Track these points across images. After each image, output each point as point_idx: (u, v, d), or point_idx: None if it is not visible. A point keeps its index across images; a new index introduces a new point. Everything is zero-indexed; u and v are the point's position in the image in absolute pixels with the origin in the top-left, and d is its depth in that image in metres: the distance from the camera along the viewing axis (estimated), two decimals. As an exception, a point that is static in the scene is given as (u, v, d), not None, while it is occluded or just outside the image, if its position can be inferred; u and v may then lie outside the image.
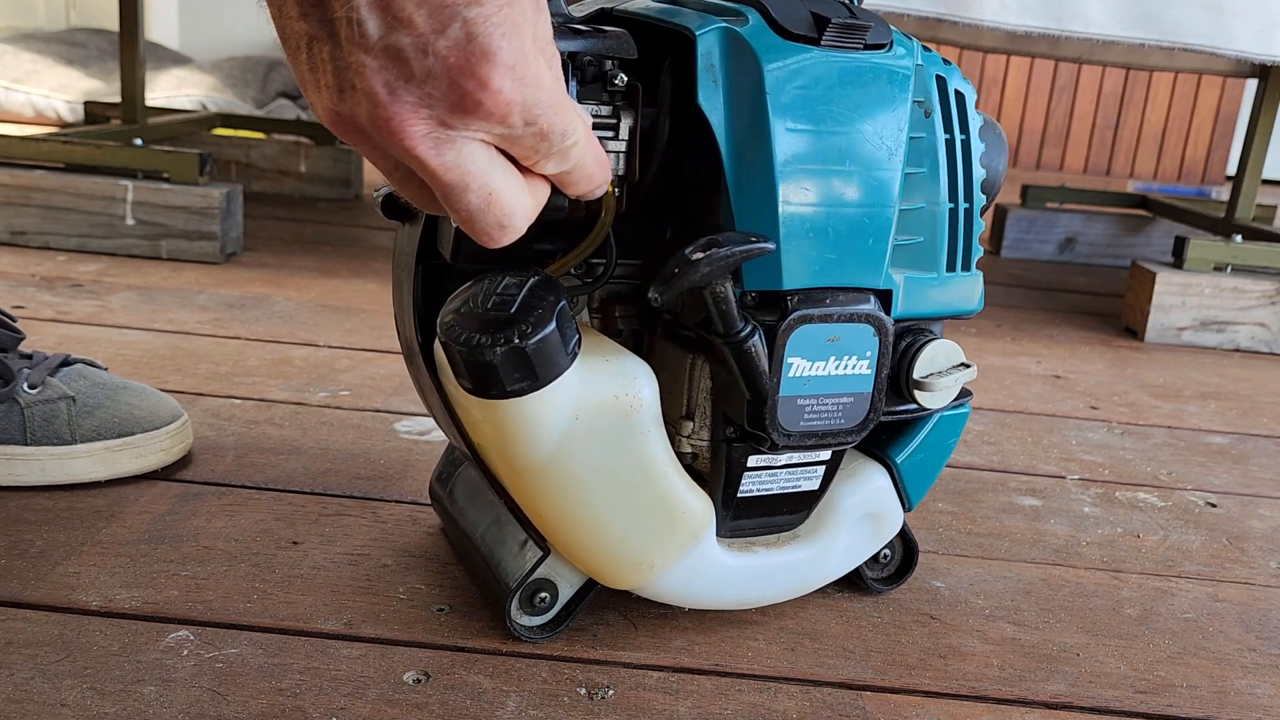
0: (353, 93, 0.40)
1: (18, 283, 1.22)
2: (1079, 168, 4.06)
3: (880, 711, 0.56)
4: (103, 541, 0.66)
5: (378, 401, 0.93)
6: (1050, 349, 1.36)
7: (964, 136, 0.59)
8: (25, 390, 0.72)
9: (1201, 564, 0.77)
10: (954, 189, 0.59)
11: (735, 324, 0.52)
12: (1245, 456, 1.01)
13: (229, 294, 1.25)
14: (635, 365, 0.54)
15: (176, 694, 0.52)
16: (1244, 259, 1.45)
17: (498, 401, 0.49)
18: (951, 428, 0.65)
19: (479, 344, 0.47)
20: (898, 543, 0.68)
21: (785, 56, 0.52)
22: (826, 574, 0.64)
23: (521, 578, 0.59)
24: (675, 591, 0.59)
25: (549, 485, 0.53)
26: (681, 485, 0.56)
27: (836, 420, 0.57)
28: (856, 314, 0.55)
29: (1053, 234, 2.00)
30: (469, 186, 0.42)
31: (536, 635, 0.60)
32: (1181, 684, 0.61)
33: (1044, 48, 1.77)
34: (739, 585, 0.61)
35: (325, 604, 0.61)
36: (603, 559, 0.57)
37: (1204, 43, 1.27)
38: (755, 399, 0.54)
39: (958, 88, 0.59)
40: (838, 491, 0.62)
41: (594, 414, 0.52)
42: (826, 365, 0.56)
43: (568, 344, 0.49)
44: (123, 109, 1.68)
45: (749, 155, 0.53)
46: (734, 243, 0.50)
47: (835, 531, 0.62)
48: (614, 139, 0.53)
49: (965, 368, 0.61)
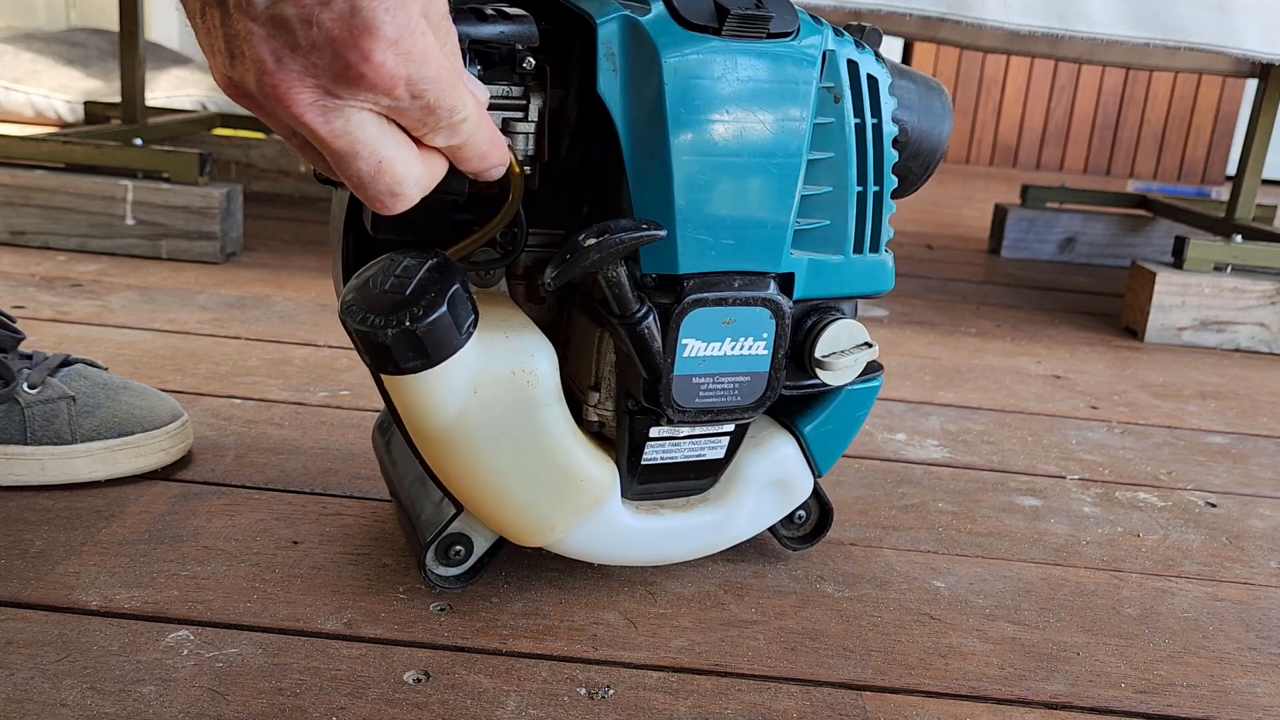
0: (242, 59, 0.41)
1: (18, 283, 1.22)
2: (1079, 168, 4.06)
3: (880, 711, 0.56)
4: (103, 541, 0.66)
5: (377, 402, 0.93)
6: (1050, 349, 1.36)
7: (875, 120, 0.59)
8: (25, 390, 0.72)
9: (1201, 564, 0.77)
10: (863, 173, 0.59)
11: (630, 306, 0.54)
12: (1245, 456, 1.01)
13: (229, 294, 1.25)
14: (534, 341, 0.56)
15: (176, 694, 0.52)
16: (1244, 259, 1.45)
17: (396, 376, 0.52)
18: (861, 401, 0.66)
19: (373, 324, 0.49)
20: (813, 504, 0.71)
21: (684, 46, 0.53)
22: (734, 535, 0.66)
23: (437, 531, 0.61)
24: (582, 550, 0.62)
25: (451, 453, 0.56)
26: (581, 454, 0.59)
27: (733, 398, 0.59)
28: (753, 298, 0.57)
29: (1053, 234, 2.00)
30: (358, 154, 0.43)
31: (452, 585, 0.63)
32: (1181, 683, 0.61)
33: (1045, 47, 1.77)
34: (645, 545, 0.63)
35: (325, 604, 0.61)
36: (507, 520, 0.59)
37: (1209, 42, 1.27)
38: (650, 377, 0.56)
39: (870, 72, 0.59)
40: (745, 459, 0.64)
41: (491, 388, 0.54)
42: (722, 346, 0.57)
43: (461, 325, 0.51)
44: (123, 109, 1.68)
45: (647, 143, 0.54)
46: (626, 229, 0.52)
47: (742, 496, 0.65)
48: (523, 120, 0.55)
49: (868, 347, 0.62)
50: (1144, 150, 4.06)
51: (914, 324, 1.42)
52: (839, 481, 0.85)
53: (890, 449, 0.94)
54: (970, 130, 4.02)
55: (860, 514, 0.80)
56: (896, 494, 0.84)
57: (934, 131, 0.65)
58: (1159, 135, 4.04)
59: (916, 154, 0.64)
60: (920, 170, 0.65)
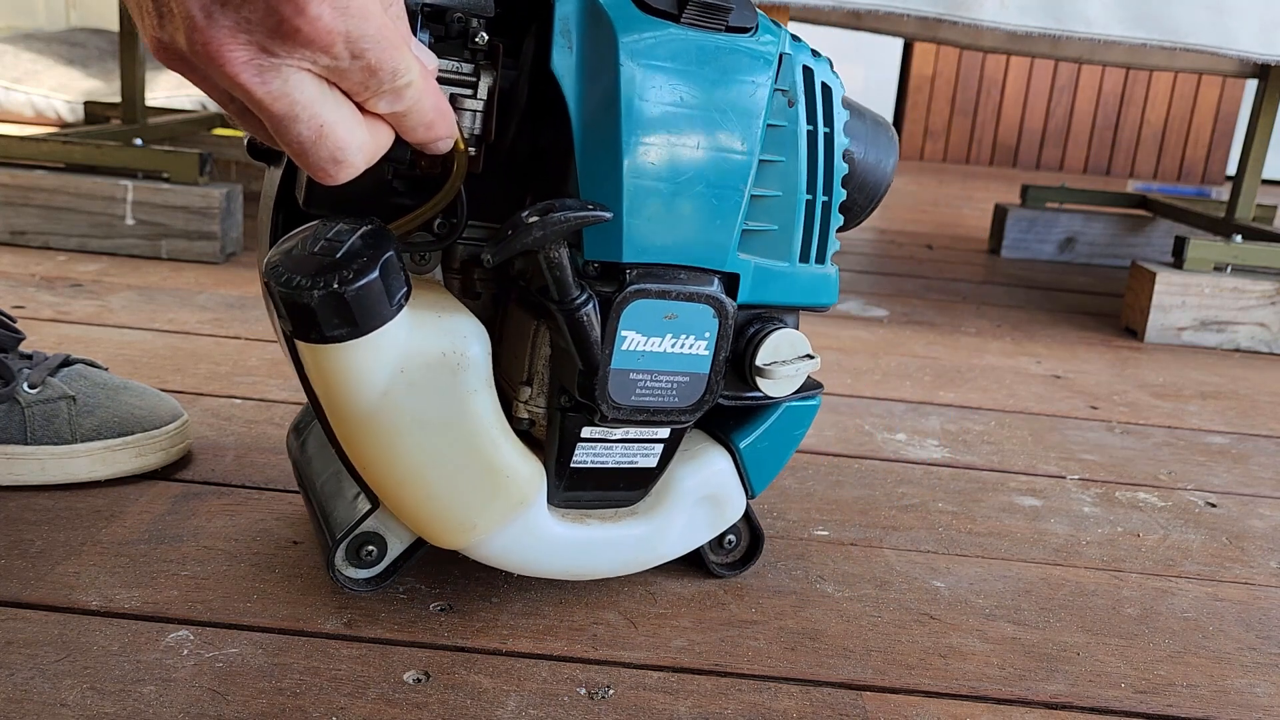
0: (170, 18, 0.39)
1: (18, 283, 1.22)
2: (1079, 168, 4.06)
3: (880, 711, 0.56)
4: (103, 541, 0.66)
5: (378, 401, 0.93)
6: (1050, 349, 1.36)
7: (827, 130, 0.59)
8: (25, 390, 0.72)
9: (1201, 564, 0.77)
10: (813, 180, 0.59)
11: (570, 291, 0.52)
12: (1245, 456, 1.01)
13: (229, 294, 1.25)
14: (467, 323, 0.54)
15: (176, 694, 0.52)
16: (1244, 259, 1.45)
17: (319, 346, 0.49)
18: (798, 418, 0.65)
19: (298, 285, 0.46)
20: (744, 528, 0.68)
21: (641, 29, 0.52)
22: (663, 553, 0.64)
23: (348, 529, 0.59)
24: (503, 556, 0.59)
25: (372, 435, 0.53)
26: (508, 448, 0.56)
27: (670, 398, 0.57)
28: (697, 294, 0.55)
29: (1053, 234, 2.00)
30: (298, 117, 0.41)
31: (361, 588, 0.60)
32: (1181, 683, 0.61)
33: (1044, 48, 1.77)
34: (569, 556, 0.61)
35: (325, 604, 0.61)
36: (426, 516, 0.57)
37: (1205, 42, 1.27)
38: (587, 368, 0.54)
39: (825, 80, 0.59)
40: (678, 472, 0.63)
41: (419, 368, 0.52)
42: (663, 342, 0.56)
43: (392, 295, 0.49)
44: (123, 109, 1.68)
45: (598, 124, 0.53)
46: (570, 209, 0.50)
47: (673, 511, 0.63)
48: (472, 97, 0.53)
49: (810, 359, 0.61)
50: (1144, 150, 4.06)
51: (914, 324, 1.42)
52: (838, 481, 0.86)
53: (890, 449, 0.94)
54: (970, 130, 4.02)
55: (860, 514, 0.80)
56: (896, 494, 0.84)
57: (879, 165, 0.64)
58: (1159, 135, 4.05)
59: (861, 186, 0.63)
60: (864, 203, 0.64)
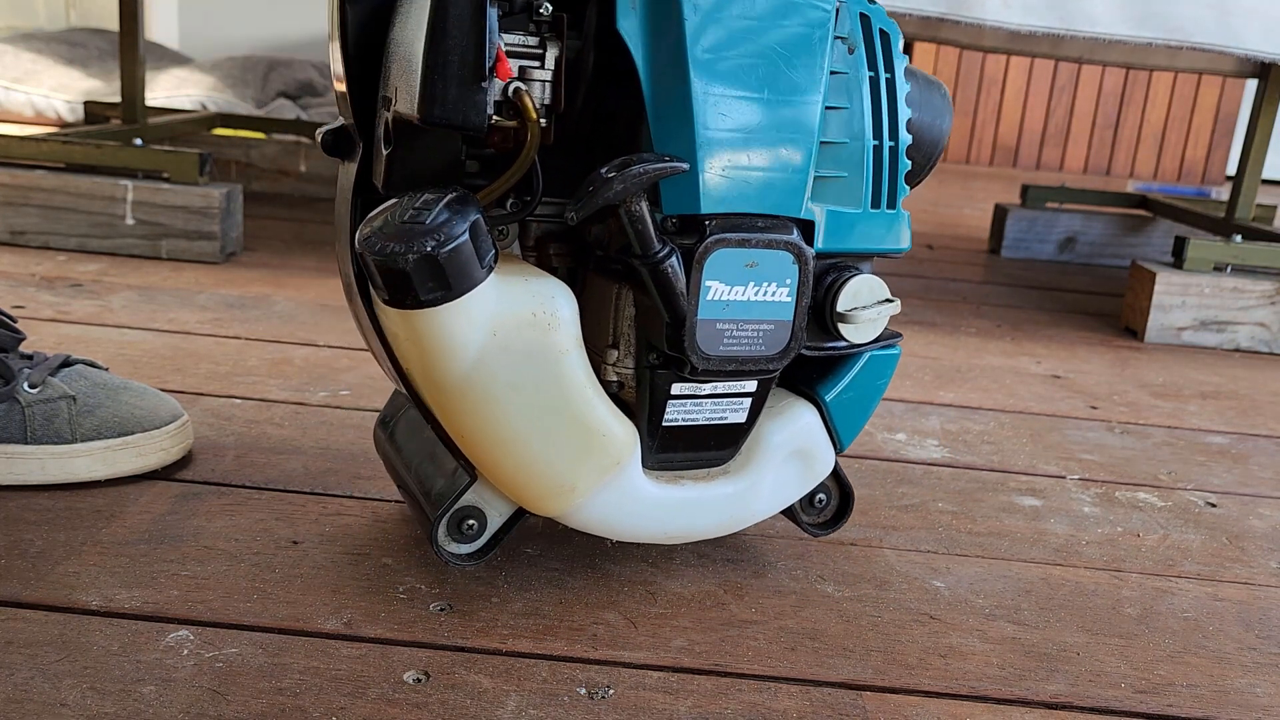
0: None
1: (18, 283, 1.22)
2: (1079, 168, 4.06)
3: (880, 711, 0.56)
4: (103, 541, 0.66)
5: (378, 401, 0.93)
6: (1050, 349, 1.36)
7: (888, 75, 0.60)
8: (26, 390, 0.72)
9: (1201, 563, 0.77)
10: (878, 126, 0.60)
11: (652, 245, 0.54)
12: (1245, 456, 1.01)
13: (229, 294, 1.25)
14: (554, 285, 0.55)
15: (176, 694, 0.52)
16: (1244, 259, 1.45)
17: (414, 312, 0.51)
18: (882, 368, 0.66)
19: (393, 252, 0.48)
20: (833, 487, 0.69)
21: None
22: (755, 510, 0.64)
23: (449, 503, 0.60)
24: (601, 521, 0.60)
25: (468, 402, 0.54)
26: (602, 407, 0.57)
27: (757, 346, 0.58)
28: (775, 240, 0.56)
29: (1053, 234, 2.00)
30: None
31: (464, 563, 0.61)
32: (1181, 683, 0.61)
33: (1046, 47, 1.77)
34: (666, 517, 0.61)
35: (325, 604, 0.61)
36: (524, 480, 0.57)
37: (1210, 41, 1.27)
38: (674, 321, 0.56)
39: (882, 26, 0.60)
40: (766, 427, 0.63)
41: (511, 330, 0.53)
42: (745, 290, 0.57)
43: (482, 257, 0.51)
44: (123, 109, 1.68)
45: (667, 81, 0.54)
46: (648, 162, 0.52)
47: (763, 467, 0.63)
48: (540, 68, 0.54)
49: (889, 303, 0.62)
50: (1144, 150, 4.06)
51: (914, 324, 1.42)
52: (839, 481, 0.86)
53: (890, 449, 0.94)
54: (970, 130, 4.02)
55: (860, 514, 0.80)
56: (896, 494, 0.84)
57: (934, 125, 0.65)
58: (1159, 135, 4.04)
59: (918, 145, 0.65)
60: (922, 162, 0.66)
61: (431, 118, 0.51)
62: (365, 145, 0.58)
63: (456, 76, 0.51)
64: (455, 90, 0.51)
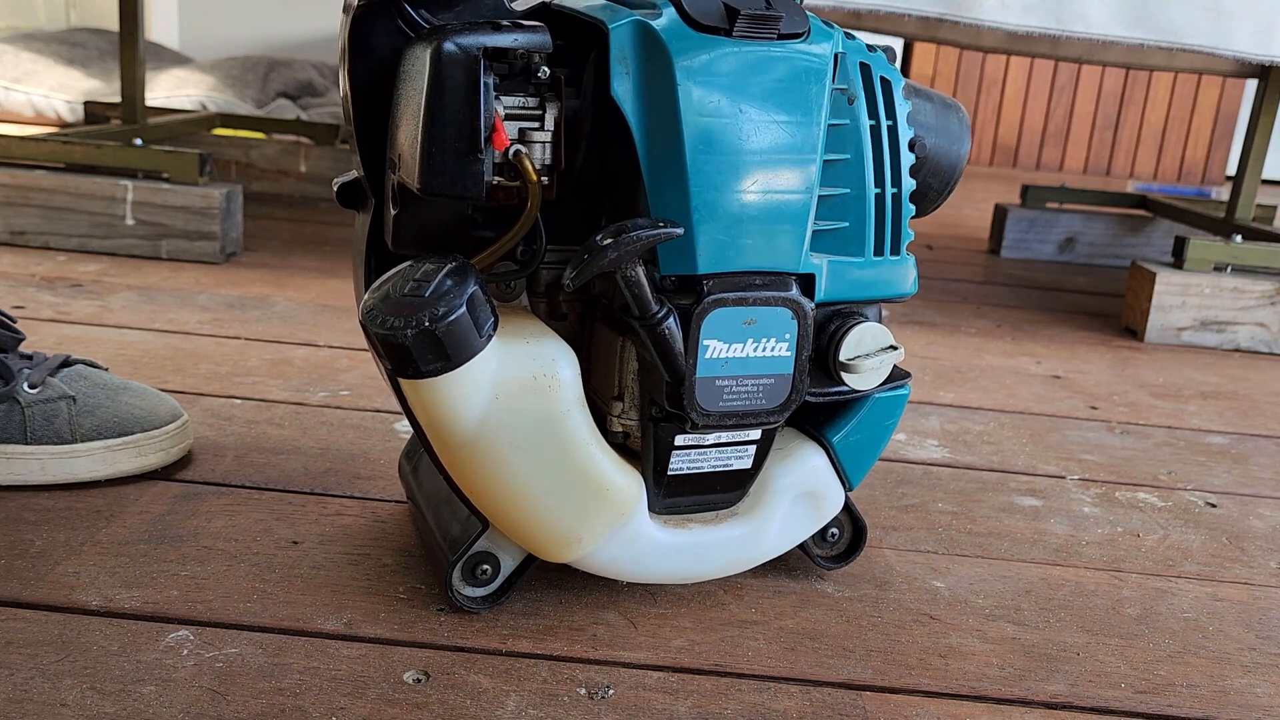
0: None
1: (18, 283, 1.22)
2: (1079, 168, 4.06)
3: (880, 711, 0.56)
4: (103, 541, 0.66)
5: (378, 401, 0.93)
6: (1050, 349, 1.36)
7: (890, 122, 0.60)
8: (26, 390, 0.72)
9: (1201, 564, 0.77)
10: (880, 174, 0.60)
11: (649, 307, 0.54)
12: (1245, 456, 1.01)
13: (229, 294, 1.25)
14: (555, 346, 0.56)
15: (176, 694, 0.52)
16: (1244, 259, 1.45)
17: (418, 381, 0.52)
18: (889, 409, 0.66)
19: (393, 327, 0.50)
20: (845, 521, 0.69)
21: (695, 47, 0.54)
22: (764, 551, 0.65)
23: (463, 549, 0.61)
24: (611, 565, 0.61)
25: (475, 462, 0.55)
26: (606, 462, 0.58)
27: (757, 401, 0.59)
28: (773, 298, 0.57)
29: (1053, 234, 2.00)
30: None
31: (479, 606, 0.62)
32: (1181, 683, 0.61)
33: (1044, 48, 1.77)
34: (675, 560, 0.62)
35: (325, 604, 0.61)
36: (532, 533, 0.59)
37: (1202, 43, 1.27)
38: (673, 379, 0.56)
39: (883, 75, 0.59)
40: (773, 470, 0.64)
41: (513, 393, 0.54)
42: (744, 347, 0.57)
43: (481, 326, 0.52)
44: (123, 109, 1.68)
45: (661, 144, 0.54)
46: (642, 228, 0.52)
47: (771, 509, 0.64)
48: (540, 129, 0.55)
49: (893, 350, 0.62)
50: (1144, 150, 4.06)
51: (914, 324, 1.42)
52: (839, 481, 0.86)
53: (890, 449, 0.94)
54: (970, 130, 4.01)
55: (860, 514, 0.80)
56: (896, 494, 0.84)
57: (951, 149, 0.65)
58: (1159, 135, 4.04)
59: (935, 171, 0.64)
60: (940, 187, 0.65)
61: (430, 188, 0.52)
62: (376, 199, 0.59)
63: (453, 149, 0.52)
64: (452, 162, 0.52)
